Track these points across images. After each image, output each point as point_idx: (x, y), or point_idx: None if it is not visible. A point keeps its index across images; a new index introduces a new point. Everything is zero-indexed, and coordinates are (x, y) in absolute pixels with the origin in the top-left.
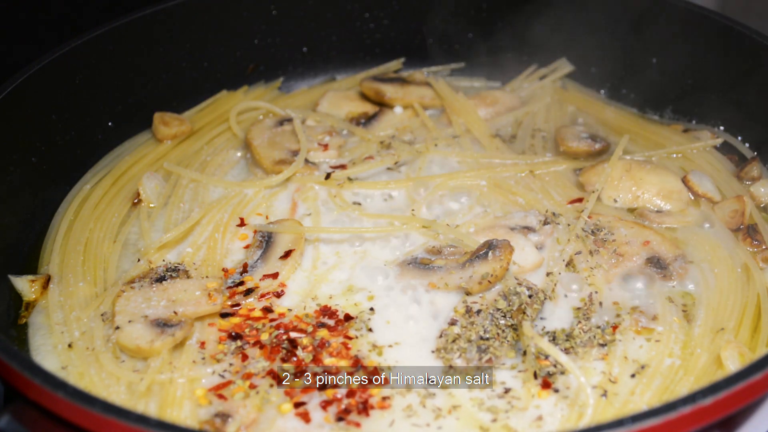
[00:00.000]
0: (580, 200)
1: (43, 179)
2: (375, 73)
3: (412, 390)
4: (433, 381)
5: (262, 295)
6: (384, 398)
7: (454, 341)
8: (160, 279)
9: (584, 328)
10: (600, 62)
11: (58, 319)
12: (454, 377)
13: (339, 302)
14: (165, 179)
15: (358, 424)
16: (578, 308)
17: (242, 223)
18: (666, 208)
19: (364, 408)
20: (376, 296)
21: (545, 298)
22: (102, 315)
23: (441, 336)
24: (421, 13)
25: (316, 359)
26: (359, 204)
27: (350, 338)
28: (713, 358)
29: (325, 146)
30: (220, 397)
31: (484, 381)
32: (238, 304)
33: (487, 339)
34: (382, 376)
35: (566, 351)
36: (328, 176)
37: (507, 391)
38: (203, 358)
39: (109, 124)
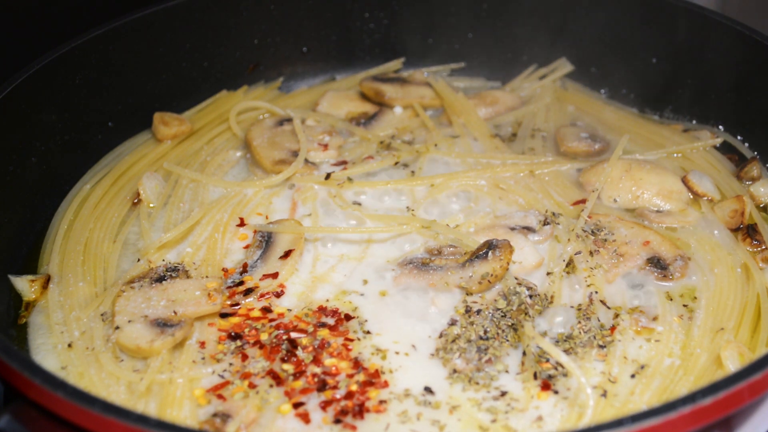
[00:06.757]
0: (583, 201)
1: (43, 179)
2: (375, 73)
3: (410, 395)
4: (431, 389)
5: (262, 295)
6: (381, 402)
7: (453, 341)
8: (160, 279)
9: (584, 329)
10: (600, 62)
11: (58, 319)
12: (455, 380)
13: (338, 302)
14: (165, 179)
15: (354, 427)
16: (578, 308)
17: (242, 223)
18: (666, 208)
19: (360, 411)
20: (376, 296)
21: (546, 299)
22: (102, 315)
23: (441, 336)
24: (420, 13)
25: (316, 360)
26: (359, 204)
27: (351, 340)
28: (713, 358)
29: (325, 146)
30: (220, 397)
31: (484, 381)
32: (237, 304)
33: (487, 339)
34: (382, 379)
35: (566, 351)
36: (328, 176)
37: (506, 392)
38: (203, 358)
39: (109, 124)
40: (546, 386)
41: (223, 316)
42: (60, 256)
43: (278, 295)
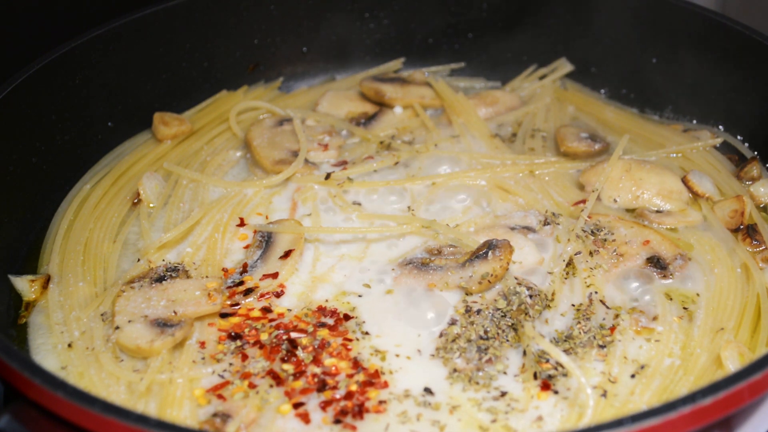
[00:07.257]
0: (583, 202)
1: (43, 179)
2: (375, 73)
3: (410, 395)
4: (431, 389)
5: (262, 295)
6: (380, 402)
7: (453, 341)
8: (160, 279)
9: (584, 329)
10: (600, 62)
11: (58, 319)
12: (455, 380)
13: (338, 302)
14: (165, 179)
15: (354, 428)
16: (578, 308)
17: (242, 223)
18: (666, 208)
19: (359, 411)
20: (375, 296)
21: (546, 299)
22: (102, 315)
23: (441, 336)
24: (421, 13)
25: (316, 360)
26: (359, 204)
27: (349, 340)
28: (713, 358)
29: (325, 146)
30: (220, 397)
31: (484, 381)
32: (237, 304)
33: (487, 339)
34: (382, 379)
35: (566, 351)
36: (328, 176)
37: (506, 392)
38: (203, 358)
39: (109, 124)
40: (546, 386)
41: (223, 316)
42: (60, 256)
43: (278, 295)
